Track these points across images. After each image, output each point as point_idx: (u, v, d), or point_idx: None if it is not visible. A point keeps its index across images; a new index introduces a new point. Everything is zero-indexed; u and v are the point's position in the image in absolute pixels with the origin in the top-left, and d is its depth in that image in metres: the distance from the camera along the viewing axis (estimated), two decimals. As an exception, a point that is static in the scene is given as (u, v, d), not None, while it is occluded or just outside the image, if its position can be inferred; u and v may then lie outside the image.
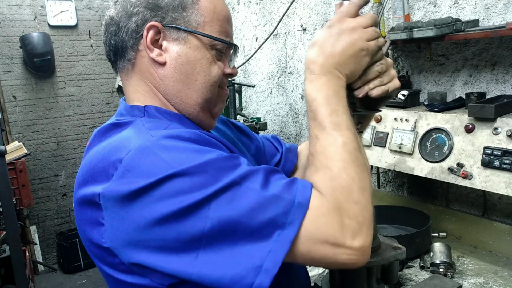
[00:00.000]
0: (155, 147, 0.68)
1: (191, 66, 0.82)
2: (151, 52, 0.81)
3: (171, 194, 0.64)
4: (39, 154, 4.10)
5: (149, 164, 0.66)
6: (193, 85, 0.83)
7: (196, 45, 0.82)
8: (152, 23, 0.79)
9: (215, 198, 0.64)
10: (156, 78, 0.83)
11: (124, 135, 0.74)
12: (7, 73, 3.87)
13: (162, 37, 0.81)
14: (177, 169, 0.64)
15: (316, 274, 1.41)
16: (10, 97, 3.90)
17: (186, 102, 0.84)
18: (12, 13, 3.83)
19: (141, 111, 0.82)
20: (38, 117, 4.05)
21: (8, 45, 3.84)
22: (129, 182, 0.65)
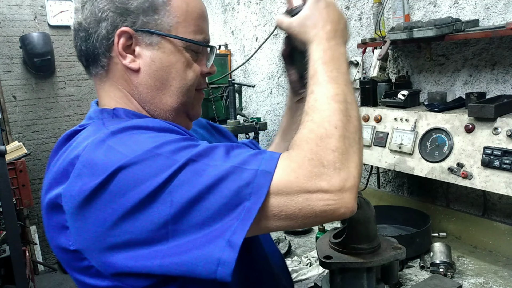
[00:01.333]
0: (109, 139, 0.66)
1: (166, 71, 0.79)
2: (123, 59, 0.78)
3: (128, 186, 0.62)
4: (39, 154, 4.10)
5: (103, 158, 0.64)
6: (168, 90, 0.80)
7: (170, 49, 0.79)
8: (123, 28, 0.76)
9: (173, 179, 0.62)
10: (131, 85, 0.80)
11: (83, 135, 0.73)
12: (7, 73, 3.87)
13: (134, 43, 0.77)
14: (130, 158, 0.63)
15: (316, 274, 1.42)
16: (10, 97, 3.90)
17: (160, 108, 0.81)
18: (12, 13, 3.83)
19: (110, 113, 0.80)
20: (38, 117, 4.06)
21: (8, 45, 3.85)
22: (85, 181, 0.64)
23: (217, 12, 3.55)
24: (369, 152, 1.84)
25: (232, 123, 2.55)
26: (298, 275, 1.42)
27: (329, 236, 1.10)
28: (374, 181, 2.26)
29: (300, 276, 1.42)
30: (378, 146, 1.80)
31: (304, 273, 1.43)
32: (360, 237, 1.03)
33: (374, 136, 1.82)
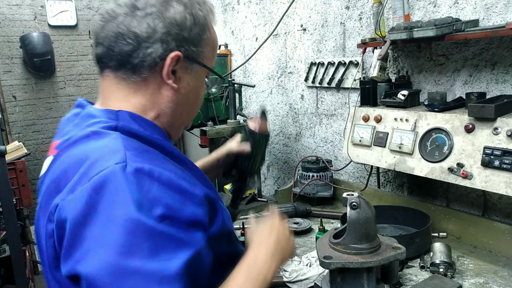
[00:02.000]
0: (123, 178, 0.68)
1: (194, 94, 0.91)
2: (168, 79, 0.84)
3: (104, 241, 0.65)
4: (39, 154, 4.10)
5: (110, 199, 0.66)
6: (190, 108, 0.92)
7: (200, 76, 0.90)
8: (177, 53, 0.82)
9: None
10: (161, 99, 0.86)
11: (100, 146, 0.74)
12: (7, 73, 3.87)
13: (179, 66, 0.85)
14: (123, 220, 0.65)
15: (316, 274, 1.42)
16: (10, 97, 3.90)
17: (176, 120, 0.90)
18: (12, 13, 3.83)
19: (113, 114, 0.82)
20: (38, 117, 4.06)
21: (8, 45, 3.85)
22: (86, 207, 0.66)
23: (217, 12, 3.55)
24: (369, 152, 1.84)
25: (232, 123, 2.55)
26: (298, 275, 1.42)
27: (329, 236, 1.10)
28: (374, 181, 2.26)
29: (300, 276, 1.42)
30: (378, 146, 1.80)
31: (304, 273, 1.43)
32: (360, 237, 1.03)
33: (374, 136, 1.82)
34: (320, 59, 2.52)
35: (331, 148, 2.57)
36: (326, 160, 2.35)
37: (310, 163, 2.34)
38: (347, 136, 1.95)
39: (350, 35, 2.31)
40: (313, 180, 2.28)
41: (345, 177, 2.49)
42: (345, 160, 2.27)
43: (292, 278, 1.42)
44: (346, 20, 2.32)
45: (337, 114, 2.50)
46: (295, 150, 2.91)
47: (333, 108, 2.52)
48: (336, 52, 2.43)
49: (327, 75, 2.46)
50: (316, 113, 2.66)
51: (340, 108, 2.47)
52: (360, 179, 2.39)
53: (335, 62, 2.39)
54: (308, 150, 2.77)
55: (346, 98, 2.40)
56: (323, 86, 2.54)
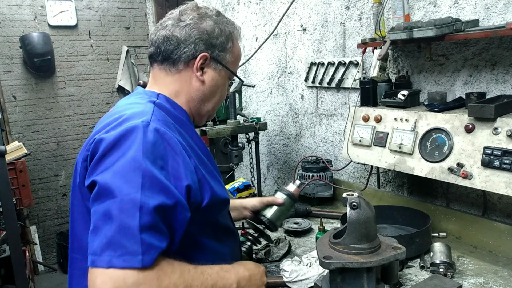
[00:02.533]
0: (143, 132, 0.94)
1: (216, 88, 1.19)
2: (197, 72, 1.14)
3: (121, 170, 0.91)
4: (39, 154, 4.10)
5: (129, 143, 0.92)
6: (212, 100, 1.21)
7: (223, 76, 1.20)
8: (205, 53, 1.13)
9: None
10: (191, 88, 1.16)
11: (137, 109, 1.03)
12: (7, 73, 3.87)
13: (206, 64, 1.15)
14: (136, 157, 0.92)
15: (316, 274, 1.41)
16: (10, 97, 3.90)
17: (202, 108, 1.20)
18: (12, 13, 3.83)
19: (155, 94, 1.13)
20: (38, 117, 4.06)
21: (8, 45, 3.85)
22: (113, 144, 0.93)
23: (217, 12, 3.55)
24: (369, 152, 1.84)
25: (232, 123, 2.55)
26: (298, 275, 1.42)
27: (329, 236, 1.10)
28: (374, 181, 2.26)
29: (300, 276, 1.42)
30: (378, 146, 1.80)
31: (304, 273, 1.43)
32: (360, 237, 1.03)
33: (374, 136, 1.82)
34: (320, 59, 2.52)
35: (331, 148, 2.58)
36: (326, 160, 2.35)
37: (310, 163, 2.34)
38: (347, 136, 1.95)
39: (350, 35, 2.31)
40: (313, 180, 2.28)
41: (345, 177, 2.49)
42: (345, 160, 2.27)
43: (292, 278, 1.42)
44: (346, 20, 2.32)
45: (337, 114, 2.50)
46: (295, 150, 2.91)
47: (333, 108, 2.52)
48: (336, 52, 2.43)
49: (327, 75, 2.46)
50: (316, 113, 2.66)
51: (340, 108, 2.47)
52: (360, 179, 2.39)
53: (335, 62, 2.39)
54: (308, 150, 2.77)
55: (346, 98, 2.40)
56: (323, 86, 2.54)
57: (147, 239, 0.84)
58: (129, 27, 4.41)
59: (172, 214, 0.91)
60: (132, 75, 4.37)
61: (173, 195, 0.91)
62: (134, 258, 0.82)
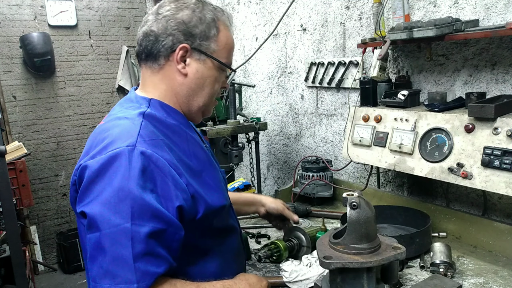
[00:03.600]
0: (128, 158, 0.93)
1: (203, 80, 1.12)
2: (178, 65, 1.08)
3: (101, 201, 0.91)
4: (39, 154, 4.10)
5: (115, 170, 0.91)
6: (200, 94, 1.13)
7: (210, 66, 1.11)
8: (184, 45, 1.07)
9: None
10: (175, 83, 1.11)
11: (122, 129, 0.99)
12: (7, 73, 3.87)
13: (188, 56, 1.09)
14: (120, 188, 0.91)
15: (316, 274, 1.41)
16: (10, 97, 3.90)
17: (191, 103, 1.13)
18: (12, 13, 3.83)
19: (147, 101, 1.09)
20: (38, 117, 4.05)
21: (8, 45, 3.84)
22: (98, 171, 0.92)
23: (217, 12, 3.55)
24: (369, 152, 1.84)
25: (232, 123, 2.55)
26: (298, 275, 1.42)
27: (329, 236, 1.10)
28: (374, 181, 2.26)
29: (300, 276, 1.42)
30: (378, 146, 1.80)
31: (304, 273, 1.43)
32: (360, 237, 1.03)
33: (374, 136, 1.82)
34: (320, 59, 2.52)
35: (331, 148, 2.58)
36: (326, 160, 2.35)
37: (310, 163, 2.34)
38: (347, 136, 1.95)
39: (350, 35, 2.31)
40: (313, 180, 2.28)
41: (345, 177, 2.49)
42: (345, 160, 2.27)
43: (292, 278, 1.42)
44: (346, 20, 2.32)
45: (337, 114, 2.50)
46: (295, 150, 2.91)
47: (333, 108, 2.52)
48: (336, 52, 2.43)
49: (327, 75, 2.46)
50: (316, 113, 2.66)
51: (340, 108, 2.47)
52: (360, 179, 2.39)
53: (335, 62, 2.39)
54: (308, 150, 2.77)
55: (346, 98, 2.40)
56: (323, 86, 2.54)
57: (141, 267, 0.86)
58: (129, 27, 4.41)
59: (167, 235, 0.92)
60: (132, 75, 4.37)
61: (165, 218, 0.92)
62: (130, 286, 0.85)
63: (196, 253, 1.08)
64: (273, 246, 1.63)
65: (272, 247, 1.63)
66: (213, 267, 1.11)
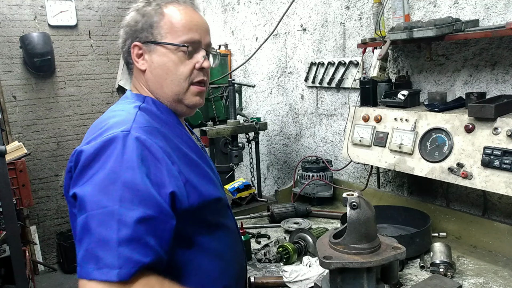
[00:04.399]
0: (123, 142, 0.93)
1: (161, 69, 1.11)
2: (137, 63, 1.13)
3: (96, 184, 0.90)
4: (39, 154, 4.09)
5: (109, 154, 0.91)
6: (165, 83, 1.11)
7: (162, 52, 1.10)
8: (134, 43, 1.11)
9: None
10: (143, 81, 1.15)
11: (118, 117, 1.02)
12: (7, 73, 3.87)
13: (143, 51, 1.12)
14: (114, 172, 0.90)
15: (316, 274, 1.41)
16: (10, 97, 3.90)
17: (163, 96, 1.13)
18: (12, 13, 3.83)
19: (141, 98, 1.12)
20: (38, 117, 4.05)
21: (8, 45, 3.84)
22: (93, 155, 0.92)
23: (217, 12, 3.55)
24: (369, 152, 1.84)
25: (232, 123, 2.55)
26: (298, 275, 1.42)
27: (329, 236, 1.10)
28: (374, 181, 2.26)
29: (300, 276, 1.42)
30: (378, 146, 1.80)
31: (304, 273, 1.43)
32: (360, 237, 1.03)
33: (374, 136, 1.82)
34: (320, 59, 2.52)
35: (331, 148, 2.58)
36: (326, 160, 2.35)
37: (310, 163, 2.34)
38: (347, 136, 1.95)
39: (350, 35, 2.31)
40: (313, 180, 2.28)
41: (345, 177, 2.49)
42: (345, 160, 2.27)
43: (292, 278, 1.42)
44: (346, 20, 2.32)
45: (337, 114, 2.50)
46: (295, 150, 2.91)
47: (333, 108, 2.52)
48: (336, 52, 2.43)
49: (327, 75, 2.46)
50: (316, 113, 2.66)
51: (340, 108, 2.47)
52: (360, 179, 2.39)
53: (335, 62, 2.39)
54: (308, 150, 2.77)
55: (346, 98, 2.40)
56: (323, 86, 2.54)
57: (125, 253, 0.83)
58: (129, 27, 4.41)
59: (157, 223, 0.89)
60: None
61: (156, 204, 0.89)
62: (111, 271, 0.81)
63: (188, 246, 1.04)
64: (282, 249, 1.64)
65: (281, 250, 1.64)
66: (208, 265, 1.07)
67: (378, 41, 1.88)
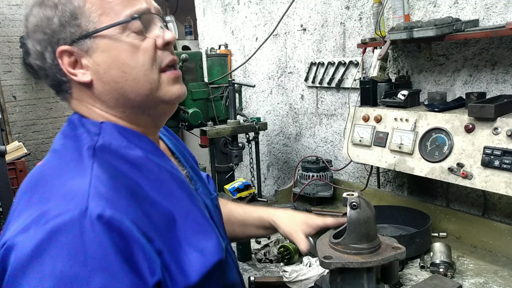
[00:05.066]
0: (79, 231, 0.61)
1: (114, 68, 0.75)
2: (75, 76, 0.75)
3: None
4: (39, 154, 4.10)
5: (57, 253, 0.60)
6: (127, 86, 0.76)
7: (106, 44, 0.74)
8: (59, 48, 0.74)
9: None
10: (94, 99, 0.77)
11: (66, 179, 0.68)
12: (7, 73, 3.87)
13: (77, 55, 0.75)
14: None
15: (316, 274, 1.41)
16: (10, 97, 3.91)
17: (129, 106, 0.78)
18: (12, 13, 3.83)
19: (96, 127, 0.76)
20: (38, 117, 4.06)
21: (8, 45, 3.85)
22: (32, 253, 0.60)
23: (217, 12, 3.55)
24: (369, 152, 1.84)
25: (232, 123, 2.55)
26: (298, 275, 1.42)
27: (329, 236, 1.10)
28: (374, 181, 2.26)
29: (300, 276, 1.42)
30: (378, 146, 1.80)
31: (304, 273, 1.43)
32: (360, 237, 1.03)
33: (374, 136, 1.82)
34: (320, 59, 2.52)
35: (331, 148, 2.58)
36: (326, 160, 2.35)
37: (310, 163, 2.34)
38: (347, 136, 1.95)
39: (350, 35, 2.31)
40: (313, 180, 2.28)
41: (345, 177, 2.49)
42: (345, 160, 2.27)
43: (292, 278, 1.42)
44: (346, 20, 2.32)
45: (337, 114, 2.50)
46: (295, 150, 2.91)
47: (333, 108, 2.52)
48: (336, 52, 2.43)
49: (327, 75, 2.46)
50: (316, 113, 2.66)
51: (340, 108, 2.47)
52: (360, 179, 2.39)
53: (335, 62, 2.39)
54: (308, 150, 2.77)
55: (346, 98, 2.40)
56: (323, 86, 2.54)
57: None
58: (129, 27, 4.42)
59: None
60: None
61: None
62: None
63: None
64: (283, 249, 1.64)
65: (282, 250, 1.64)
66: None
67: (378, 41, 1.88)
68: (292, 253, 1.63)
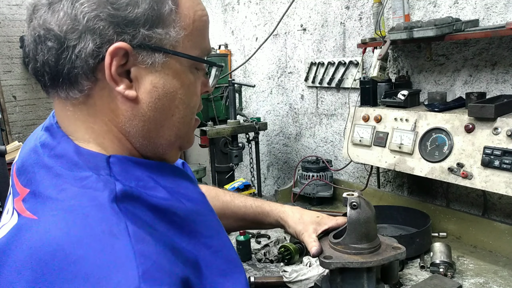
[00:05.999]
0: None
1: (169, 99, 0.61)
2: (116, 85, 0.58)
3: None
4: (39, 154, 4.10)
5: None
6: (168, 122, 0.63)
7: (176, 70, 0.61)
8: (118, 44, 0.56)
9: None
10: (121, 117, 0.60)
11: (98, 251, 0.48)
12: (7, 73, 3.87)
13: (131, 63, 0.58)
14: None
15: (316, 274, 1.41)
16: (10, 97, 3.91)
17: (155, 142, 0.64)
18: (12, 13, 3.83)
19: (105, 162, 0.58)
20: (38, 117, 4.06)
21: (8, 45, 3.85)
22: None
23: (217, 12, 3.55)
24: (369, 152, 1.84)
25: (232, 123, 2.55)
26: (298, 275, 1.42)
27: (329, 236, 1.10)
28: (374, 181, 2.26)
29: (300, 276, 1.42)
30: (378, 146, 1.80)
31: (304, 273, 1.43)
32: (360, 237, 1.03)
33: (374, 136, 1.82)
34: (320, 59, 2.52)
35: (331, 148, 2.58)
36: (326, 160, 2.35)
37: (310, 163, 2.34)
38: (347, 136, 1.95)
39: (350, 35, 2.31)
40: (313, 180, 2.28)
41: (345, 177, 2.49)
42: (345, 160, 2.27)
43: (292, 278, 1.42)
44: (346, 20, 2.32)
45: (337, 114, 2.50)
46: (295, 150, 2.91)
47: (333, 108, 2.52)
48: (336, 52, 2.43)
49: (327, 75, 2.46)
50: (316, 113, 2.66)
51: (340, 108, 2.47)
52: (360, 179, 2.39)
53: (335, 62, 2.39)
54: (308, 150, 2.77)
55: (346, 98, 2.40)
56: (323, 86, 2.54)
57: None
58: (129, 27, 4.42)
59: None
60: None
61: None
62: None
63: None
64: (283, 250, 1.64)
65: (282, 251, 1.64)
66: None
67: (378, 41, 1.88)
68: (292, 253, 1.63)
